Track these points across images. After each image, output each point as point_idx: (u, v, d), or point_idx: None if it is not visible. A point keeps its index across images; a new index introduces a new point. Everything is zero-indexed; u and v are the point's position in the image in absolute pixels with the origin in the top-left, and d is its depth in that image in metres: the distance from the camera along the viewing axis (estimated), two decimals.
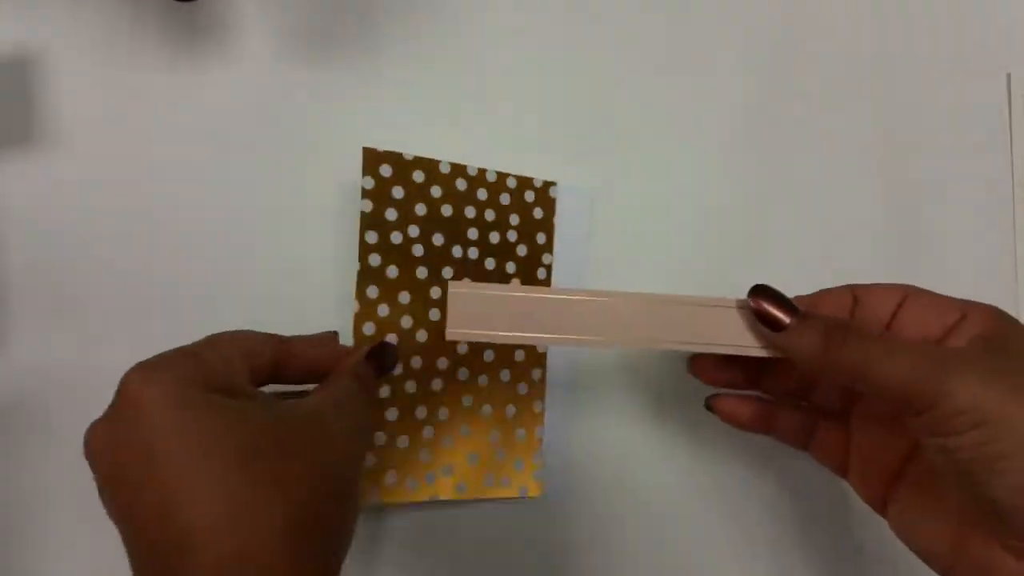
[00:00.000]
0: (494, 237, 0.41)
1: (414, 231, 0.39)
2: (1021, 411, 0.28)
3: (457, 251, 0.40)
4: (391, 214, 0.38)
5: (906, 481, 0.35)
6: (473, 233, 0.40)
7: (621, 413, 0.44)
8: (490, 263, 0.41)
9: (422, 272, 0.39)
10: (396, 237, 0.38)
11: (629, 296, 0.34)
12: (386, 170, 0.38)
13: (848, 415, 0.38)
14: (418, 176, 0.39)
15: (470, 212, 0.40)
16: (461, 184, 0.40)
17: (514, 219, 0.41)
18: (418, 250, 0.39)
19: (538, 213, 0.42)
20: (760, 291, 0.34)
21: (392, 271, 0.38)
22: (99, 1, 0.41)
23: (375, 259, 0.38)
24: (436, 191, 0.39)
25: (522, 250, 0.41)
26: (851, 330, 0.32)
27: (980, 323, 0.32)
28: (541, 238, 0.42)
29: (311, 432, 0.29)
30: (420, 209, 0.39)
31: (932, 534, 0.33)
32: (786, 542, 0.45)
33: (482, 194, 0.41)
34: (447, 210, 0.40)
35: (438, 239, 0.39)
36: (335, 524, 0.29)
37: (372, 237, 0.38)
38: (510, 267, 0.41)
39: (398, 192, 0.38)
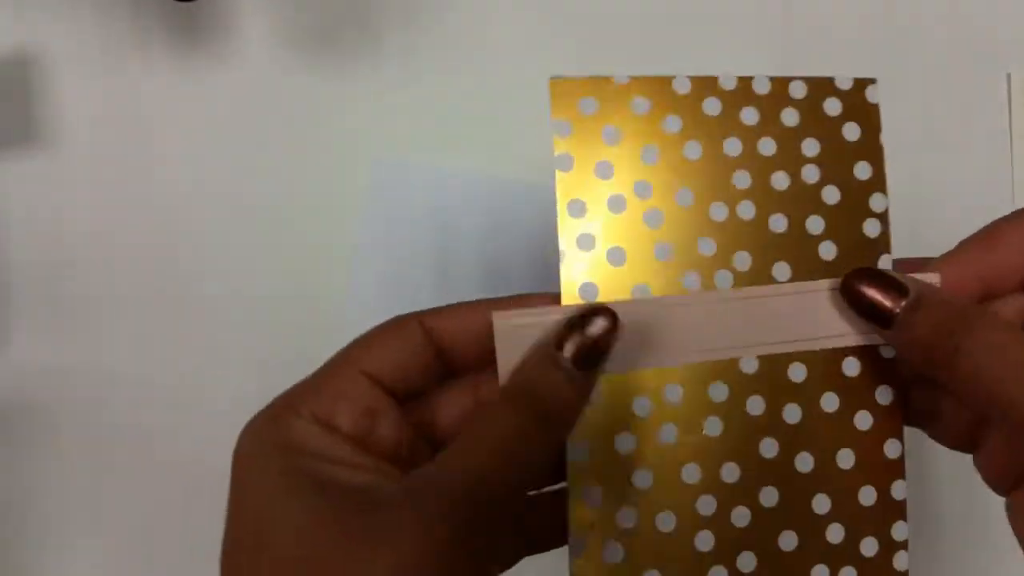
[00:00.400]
0: (779, 180, 0.27)
1: (643, 190, 0.26)
2: None
3: (719, 211, 0.27)
4: (604, 170, 0.26)
5: None
6: (743, 179, 0.27)
7: None
8: (778, 222, 0.27)
9: (664, 251, 0.26)
10: (616, 204, 0.26)
11: (689, 299, 0.26)
12: (589, 105, 0.27)
13: None
14: (640, 106, 0.27)
15: (733, 147, 0.27)
16: (712, 107, 0.27)
17: (810, 147, 0.27)
18: (654, 219, 0.26)
19: (851, 132, 0.28)
20: (858, 275, 0.26)
21: (616, 256, 0.26)
22: (99, 1, 0.41)
23: (586, 241, 0.26)
24: (673, 123, 0.27)
25: (831, 195, 0.27)
26: (970, 325, 0.23)
27: None
28: (863, 171, 0.28)
29: (375, 535, 0.21)
30: (649, 155, 0.26)
31: None
32: None
33: (750, 116, 0.27)
34: (694, 150, 0.27)
35: (685, 197, 0.27)
36: None
37: (577, 208, 0.26)
38: (814, 224, 0.27)
39: (611, 135, 0.26)
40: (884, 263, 0.28)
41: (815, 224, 0.27)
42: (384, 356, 0.25)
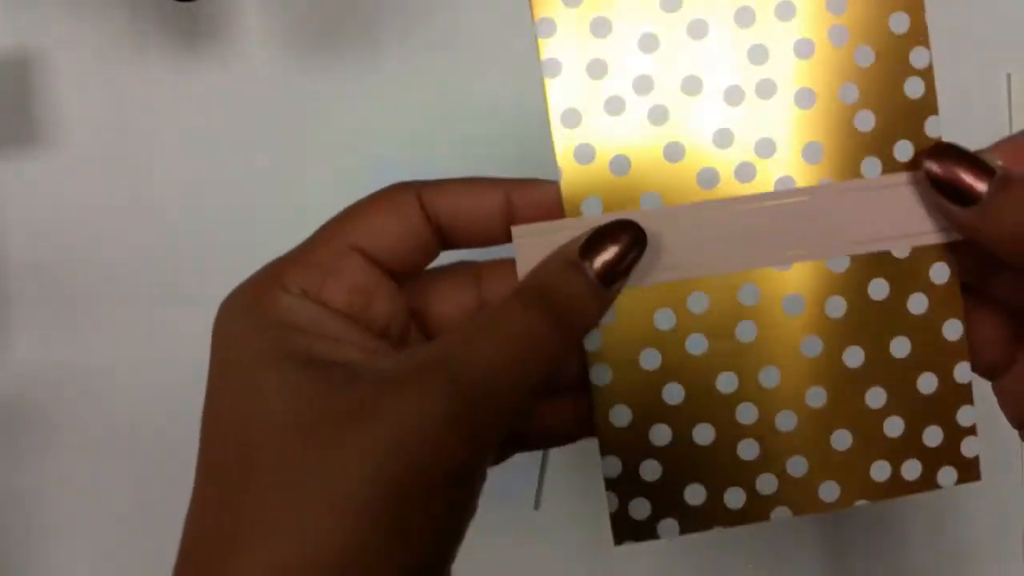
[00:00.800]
0: (802, 48, 0.24)
1: (644, 85, 0.24)
2: None
3: (735, 95, 0.24)
4: (597, 68, 0.24)
5: None
6: (759, 53, 0.24)
7: None
8: (805, 97, 0.24)
9: (674, 151, 0.24)
10: (614, 105, 0.24)
11: (744, 201, 0.24)
12: None
13: None
14: None
15: (745, 18, 0.24)
16: None
17: (835, 5, 0.24)
18: (659, 116, 0.24)
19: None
20: (943, 152, 0.23)
21: (620, 164, 0.24)
22: (98, 2, 0.41)
23: (584, 153, 0.24)
24: (672, 1, 0.24)
25: (864, 56, 0.25)
26: None
27: None
28: (899, 23, 0.25)
29: (376, 415, 0.20)
30: (648, 44, 0.24)
31: None
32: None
33: None
34: (699, 29, 0.24)
35: (692, 84, 0.24)
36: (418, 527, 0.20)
37: (571, 118, 0.24)
38: (847, 93, 0.24)
39: (601, 26, 0.24)
40: (932, 126, 0.25)
41: (848, 92, 0.24)
42: (378, 232, 0.23)
